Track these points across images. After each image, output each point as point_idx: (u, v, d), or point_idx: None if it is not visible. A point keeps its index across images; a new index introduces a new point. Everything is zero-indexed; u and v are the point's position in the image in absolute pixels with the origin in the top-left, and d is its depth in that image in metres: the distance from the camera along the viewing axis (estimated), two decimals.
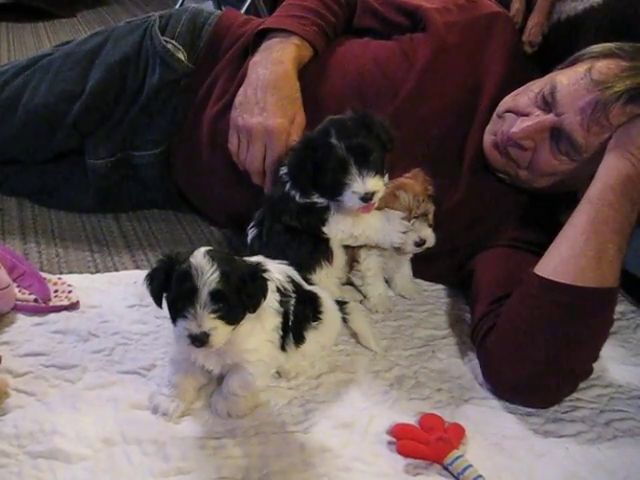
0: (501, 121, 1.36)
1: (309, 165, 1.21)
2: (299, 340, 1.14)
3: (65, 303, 1.30)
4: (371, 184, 1.18)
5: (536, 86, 1.32)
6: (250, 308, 0.99)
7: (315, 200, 1.26)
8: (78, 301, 1.31)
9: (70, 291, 1.33)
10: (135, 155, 1.61)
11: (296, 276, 1.16)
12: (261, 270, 1.01)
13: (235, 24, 1.61)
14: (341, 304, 1.28)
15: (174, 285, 0.95)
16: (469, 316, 1.34)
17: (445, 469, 1.01)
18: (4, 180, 1.72)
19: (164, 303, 0.99)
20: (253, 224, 1.33)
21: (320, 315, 1.17)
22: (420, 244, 1.31)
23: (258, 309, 1.00)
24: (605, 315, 1.14)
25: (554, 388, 1.14)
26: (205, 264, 0.94)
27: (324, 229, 1.28)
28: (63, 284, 1.35)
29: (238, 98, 1.41)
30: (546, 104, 1.28)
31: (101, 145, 1.60)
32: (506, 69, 1.45)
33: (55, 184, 1.68)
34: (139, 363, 1.17)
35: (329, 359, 1.22)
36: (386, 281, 1.43)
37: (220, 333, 0.95)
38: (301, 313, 1.13)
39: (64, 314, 1.28)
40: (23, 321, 1.26)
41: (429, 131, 1.42)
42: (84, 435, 1.01)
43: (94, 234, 1.62)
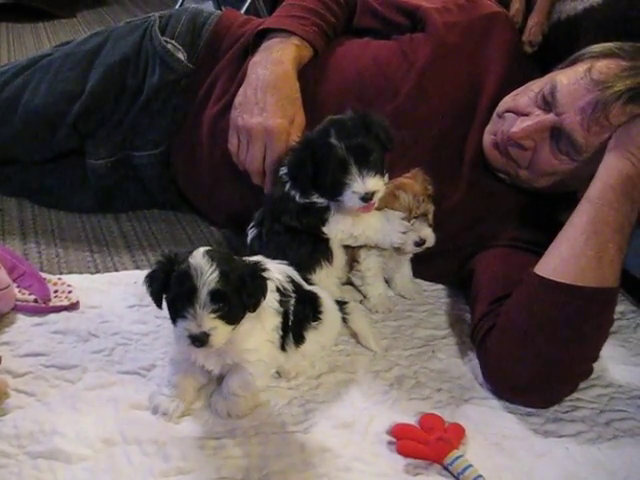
0: (501, 121, 1.36)
1: (309, 165, 1.21)
2: (299, 340, 1.14)
3: (65, 303, 1.30)
4: (371, 184, 1.18)
5: (536, 86, 1.32)
6: (250, 307, 0.99)
7: (315, 200, 1.26)
8: (78, 301, 1.31)
9: (70, 291, 1.33)
10: (135, 155, 1.61)
11: (296, 276, 1.16)
12: (260, 269, 1.02)
13: (235, 24, 1.61)
14: (341, 304, 1.28)
15: (173, 285, 0.95)
16: (469, 316, 1.34)
17: (445, 469, 1.01)
18: (4, 180, 1.72)
19: (164, 304, 0.99)
20: (253, 224, 1.33)
21: (320, 315, 1.17)
22: (420, 244, 1.31)
23: (258, 308, 1.00)
24: (605, 315, 1.14)
25: (554, 388, 1.15)
26: (204, 264, 0.93)
27: (324, 229, 1.28)
28: (63, 284, 1.35)
29: (238, 98, 1.41)
30: (546, 104, 1.28)
31: (101, 145, 1.60)
32: (506, 69, 1.45)
33: (55, 184, 1.68)
34: (139, 363, 1.17)
35: (329, 359, 1.22)
36: (386, 281, 1.43)
37: (220, 333, 0.95)
38: (301, 313, 1.13)
39: (64, 314, 1.28)
40: (23, 321, 1.26)
41: (429, 131, 1.42)
42: (84, 435, 1.01)
43: (94, 234, 1.62)
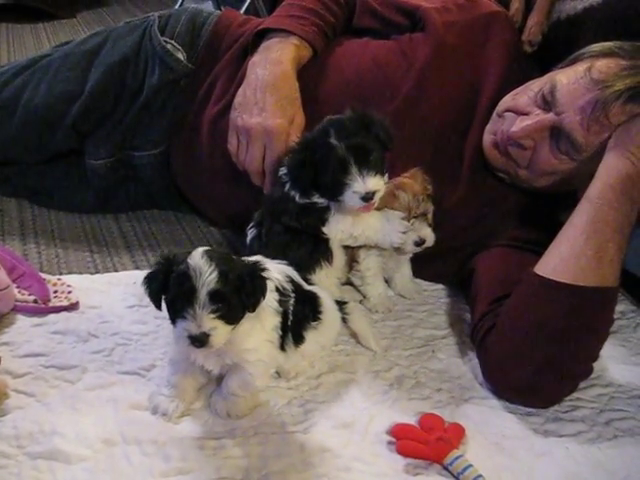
0: (501, 120, 1.36)
1: (309, 166, 1.21)
2: (298, 340, 1.14)
3: (65, 304, 1.30)
4: (372, 183, 1.18)
5: (536, 85, 1.32)
6: (249, 307, 0.99)
7: (315, 200, 1.26)
8: (78, 302, 1.31)
9: (70, 292, 1.33)
10: (135, 155, 1.61)
11: (295, 276, 1.16)
12: (260, 269, 1.01)
13: (234, 24, 1.61)
14: (341, 304, 1.28)
15: (173, 286, 0.95)
16: (469, 316, 1.34)
17: (445, 469, 1.01)
18: (4, 181, 1.71)
19: (163, 304, 0.99)
20: (252, 224, 1.33)
21: (320, 315, 1.17)
22: (420, 244, 1.31)
23: (257, 308, 1.00)
24: (605, 314, 1.14)
25: (554, 388, 1.14)
26: (203, 264, 0.93)
27: (324, 229, 1.28)
28: (63, 285, 1.35)
29: (237, 99, 1.41)
30: (546, 103, 1.28)
31: (101, 145, 1.60)
32: (506, 68, 1.44)
33: (55, 185, 1.68)
34: (139, 363, 1.17)
35: (329, 359, 1.22)
36: (386, 281, 1.43)
37: (220, 333, 0.95)
38: (300, 313, 1.13)
39: (64, 315, 1.28)
40: (23, 322, 1.26)
41: (429, 131, 1.42)
42: (84, 436, 1.01)
43: (94, 234, 1.62)
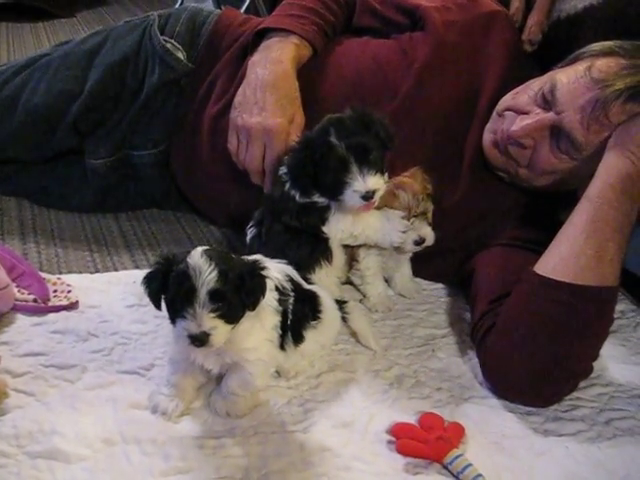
0: (501, 119, 1.36)
1: (309, 165, 1.20)
2: (298, 339, 1.13)
3: (64, 303, 1.30)
4: (372, 182, 1.18)
5: (536, 84, 1.32)
6: (249, 306, 0.99)
7: (315, 200, 1.25)
8: (77, 301, 1.31)
9: (69, 291, 1.33)
10: (135, 155, 1.61)
11: (295, 275, 1.16)
12: (259, 268, 1.01)
13: (234, 23, 1.61)
14: (341, 303, 1.28)
15: (172, 286, 0.95)
16: (469, 315, 1.34)
17: (445, 468, 1.01)
18: (3, 180, 1.71)
19: (162, 304, 0.99)
20: (252, 224, 1.33)
21: (319, 314, 1.17)
22: (420, 243, 1.31)
23: (257, 307, 1.00)
24: (605, 314, 1.14)
25: (554, 387, 1.14)
26: (202, 264, 0.93)
27: (324, 228, 1.28)
28: (62, 284, 1.35)
29: (237, 98, 1.41)
30: (546, 102, 1.27)
31: (101, 145, 1.60)
32: (506, 68, 1.44)
33: (54, 184, 1.68)
34: (138, 363, 1.17)
35: (328, 358, 1.22)
36: (386, 280, 1.43)
37: (220, 332, 0.95)
38: (300, 312, 1.13)
39: (63, 314, 1.28)
40: (22, 321, 1.26)
41: (429, 130, 1.42)
42: (83, 435, 1.01)
43: (93, 234, 1.61)
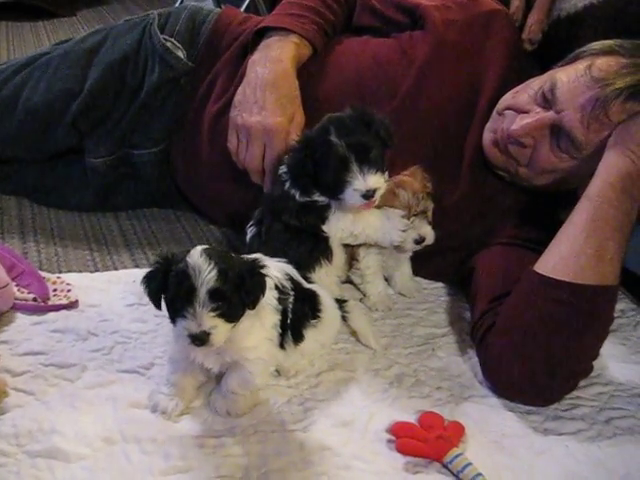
0: (501, 118, 1.36)
1: (309, 164, 1.21)
2: (298, 338, 1.13)
3: (64, 302, 1.30)
4: (372, 181, 1.18)
5: (536, 83, 1.32)
6: (249, 305, 0.99)
7: (315, 199, 1.25)
8: (77, 300, 1.31)
9: (69, 290, 1.33)
10: (134, 153, 1.61)
11: (295, 274, 1.16)
12: (259, 266, 1.01)
13: (234, 22, 1.61)
14: (340, 302, 1.28)
15: (172, 285, 0.95)
16: (469, 314, 1.34)
17: (445, 467, 1.01)
18: (3, 179, 1.71)
19: (162, 303, 0.99)
20: (252, 223, 1.33)
21: (319, 313, 1.17)
22: (419, 242, 1.31)
23: (257, 306, 1.00)
24: (605, 313, 1.13)
25: (554, 386, 1.14)
26: (202, 263, 0.93)
27: (324, 227, 1.28)
28: (62, 283, 1.35)
29: (237, 97, 1.41)
30: (546, 101, 1.27)
31: (100, 143, 1.59)
32: (506, 67, 1.44)
33: (54, 183, 1.68)
34: (138, 362, 1.17)
35: (328, 357, 1.22)
36: (386, 279, 1.43)
37: (220, 331, 0.95)
38: (300, 311, 1.13)
39: (63, 313, 1.28)
40: (22, 320, 1.26)
41: (429, 129, 1.42)
42: (83, 434, 1.01)
43: (93, 233, 1.61)
